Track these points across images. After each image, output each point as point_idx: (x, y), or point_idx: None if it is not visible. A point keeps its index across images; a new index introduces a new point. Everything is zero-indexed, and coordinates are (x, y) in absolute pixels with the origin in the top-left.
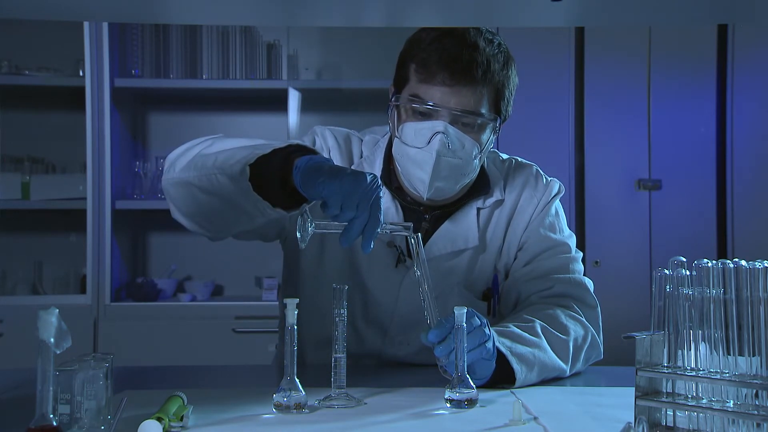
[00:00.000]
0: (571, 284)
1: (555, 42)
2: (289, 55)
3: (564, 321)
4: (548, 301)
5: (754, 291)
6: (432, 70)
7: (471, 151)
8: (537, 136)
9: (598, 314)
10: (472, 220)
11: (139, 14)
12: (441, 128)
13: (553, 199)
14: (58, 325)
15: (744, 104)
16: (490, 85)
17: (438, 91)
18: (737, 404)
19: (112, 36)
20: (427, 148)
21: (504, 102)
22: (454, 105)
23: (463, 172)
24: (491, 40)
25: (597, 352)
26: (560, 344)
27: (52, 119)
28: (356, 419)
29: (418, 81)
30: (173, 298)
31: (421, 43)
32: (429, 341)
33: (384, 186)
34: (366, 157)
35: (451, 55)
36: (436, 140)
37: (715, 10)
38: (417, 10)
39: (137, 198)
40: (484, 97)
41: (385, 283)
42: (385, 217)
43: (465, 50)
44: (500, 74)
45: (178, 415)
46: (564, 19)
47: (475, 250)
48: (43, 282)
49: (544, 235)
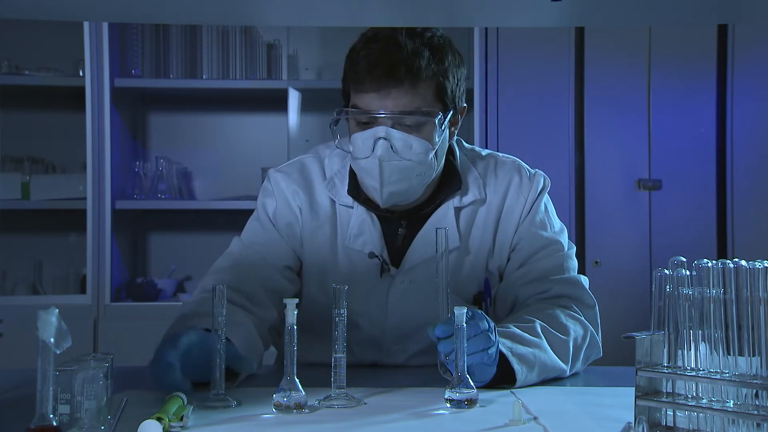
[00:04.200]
0: (568, 284)
1: (555, 42)
2: (289, 55)
3: (564, 321)
4: (546, 302)
5: (754, 291)
6: (361, 77)
7: (421, 149)
8: (537, 135)
9: (596, 313)
10: (451, 220)
11: (139, 14)
12: (382, 134)
13: (540, 195)
14: (58, 325)
15: (744, 104)
16: (421, 81)
17: (371, 97)
18: (737, 404)
19: (112, 36)
20: (371, 156)
21: (447, 94)
22: (391, 108)
23: (417, 172)
24: (420, 33)
25: (596, 350)
26: (560, 344)
27: (52, 119)
28: (356, 419)
29: (354, 91)
30: (173, 298)
31: (352, 52)
32: (434, 336)
33: (354, 200)
34: (337, 172)
35: (375, 60)
36: (378, 146)
37: (715, 10)
38: (418, 10)
39: (137, 198)
40: (418, 93)
41: (371, 295)
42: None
43: (388, 51)
44: (430, 68)
45: (178, 415)
46: (564, 19)
47: (459, 251)
48: (43, 282)
49: (536, 234)
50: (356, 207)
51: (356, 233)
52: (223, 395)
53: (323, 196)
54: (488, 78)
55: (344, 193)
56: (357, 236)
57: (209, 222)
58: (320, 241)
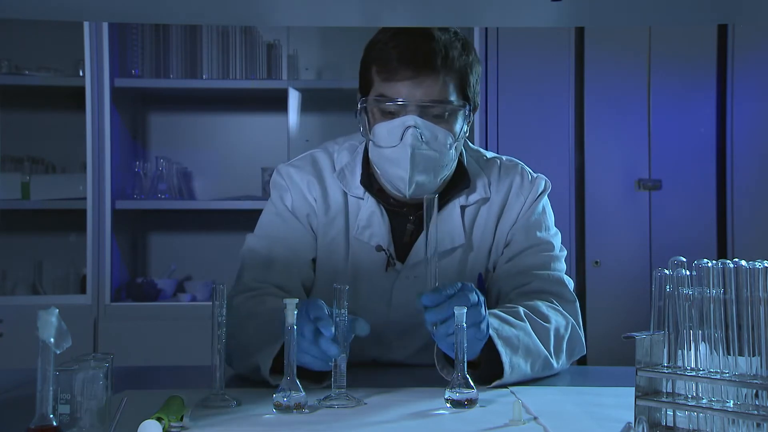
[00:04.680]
0: (549, 281)
1: (555, 42)
2: (289, 55)
3: (545, 311)
4: (526, 297)
5: (754, 291)
6: (393, 67)
7: (445, 141)
8: (537, 135)
9: (577, 309)
10: (457, 218)
11: (139, 14)
12: (411, 122)
13: (540, 197)
14: (58, 325)
15: (744, 104)
16: (452, 72)
17: (402, 86)
18: (737, 404)
19: (112, 36)
20: (400, 144)
21: (470, 88)
22: (420, 97)
23: (440, 163)
24: (447, 29)
25: (579, 346)
26: (543, 331)
27: (52, 119)
28: (356, 419)
29: (381, 81)
30: (173, 298)
31: (378, 44)
32: (421, 304)
33: (366, 191)
34: (347, 164)
35: (408, 49)
36: (408, 135)
37: (715, 10)
38: (418, 10)
39: (137, 198)
40: (448, 84)
41: (376, 288)
42: (369, 221)
43: (422, 42)
44: (460, 60)
45: (178, 415)
46: (564, 19)
47: (464, 249)
48: (43, 282)
49: (530, 232)
50: (367, 199)
51: (364, 225)
52: (223, 395)
53: (335, 187)
54: (488, 78)
55: (355, 184)
56: (365, 228)
57: (209, 222)
58: (334, 233)
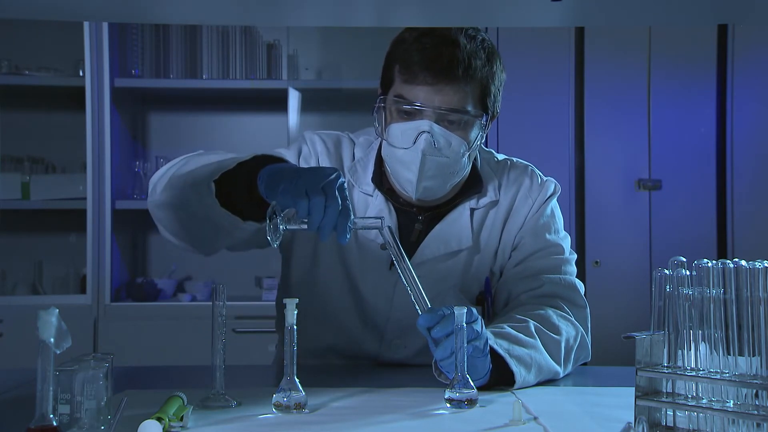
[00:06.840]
0: (561, 285)
1: (555, 42)
2: (289, 55)
3: (556, 321)
4: (538, 300)
5: (754, 291)
6: (414, 70)
7: (458, 149)
8: (537, 135)
9: (587, 315)
10: (466, 220)
11: (139, 14)
12: (426, 128)
13: (549, 200)
14: (58, 325)
15: (744, 104)
16: (473, 81)
17: (421, 90)
18: (737, 404)
19: (112, 36)
20: (413, 148)
21: (490, 98)
22: (438, 104)
23: (451, 170)
24: (474, 36)
25: (585, 352)
26: (554, 345)
27: (52, 119)
28: (356, 419)
29: (401, 81)
30: (173, 298)
31: (403, 43)
32: (419, 326)
33: (376, 188)
34: (359, 159)
35: (432, 54)
36: (421, 140)
37: (715, 10)
38: (418, 10)
39: (137, 198)
40: (468, 94)
41: (379, 286)
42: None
43: (445, 48)
44: (483, 70)
45: (178, 415)
46: (564, 19)
47: (470, 251)
48: (43, 282)
49: (539, 234)
50: (376, 196)
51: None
52: (223, 395)
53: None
54: None
55: (366, 180)
56: None
57: None
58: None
